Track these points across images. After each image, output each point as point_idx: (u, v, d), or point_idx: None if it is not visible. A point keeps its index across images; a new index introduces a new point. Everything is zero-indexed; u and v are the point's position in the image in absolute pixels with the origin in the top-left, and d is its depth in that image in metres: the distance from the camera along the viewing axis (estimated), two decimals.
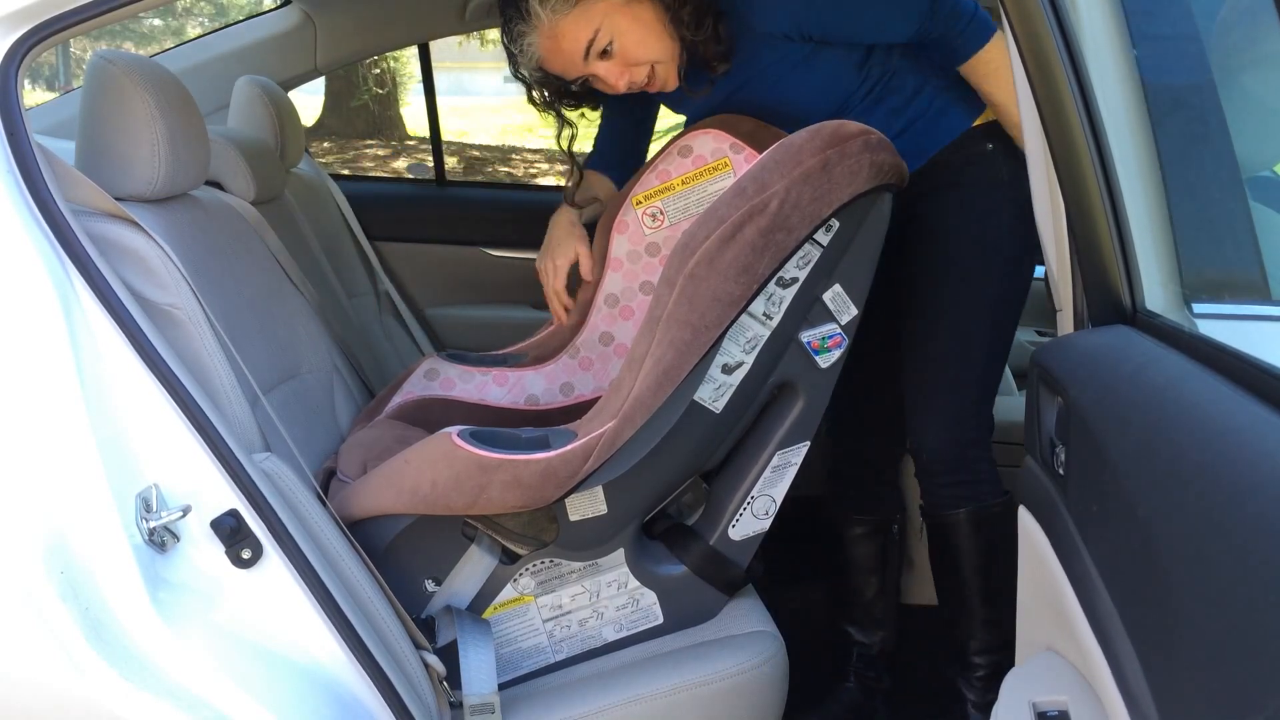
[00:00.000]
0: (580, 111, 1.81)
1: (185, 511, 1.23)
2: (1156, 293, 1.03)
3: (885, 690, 1.99)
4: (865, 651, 1.99)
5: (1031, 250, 1.58)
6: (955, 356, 1.67)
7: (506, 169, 8.43)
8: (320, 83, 7.15)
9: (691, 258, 1.39)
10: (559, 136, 1.79)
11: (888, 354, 1.77)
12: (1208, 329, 1.02)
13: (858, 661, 1.99)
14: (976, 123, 1.67)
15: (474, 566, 1.51)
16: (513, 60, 1.65)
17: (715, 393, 1.44)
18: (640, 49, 1.59)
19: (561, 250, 1.81)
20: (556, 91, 1.73)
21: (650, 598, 1.56)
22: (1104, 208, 1.01)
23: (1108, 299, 1.03)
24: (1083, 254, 1.04)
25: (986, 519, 1.67)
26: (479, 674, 1.43)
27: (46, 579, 1.13)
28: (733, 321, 1.39)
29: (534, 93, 1.72)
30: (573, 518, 1.47)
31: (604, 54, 1.58)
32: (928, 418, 1.69)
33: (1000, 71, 1.57)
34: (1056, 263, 1.12)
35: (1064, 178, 1.03)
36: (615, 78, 1.60)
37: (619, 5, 1.57)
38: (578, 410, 1.75)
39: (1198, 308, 1.05)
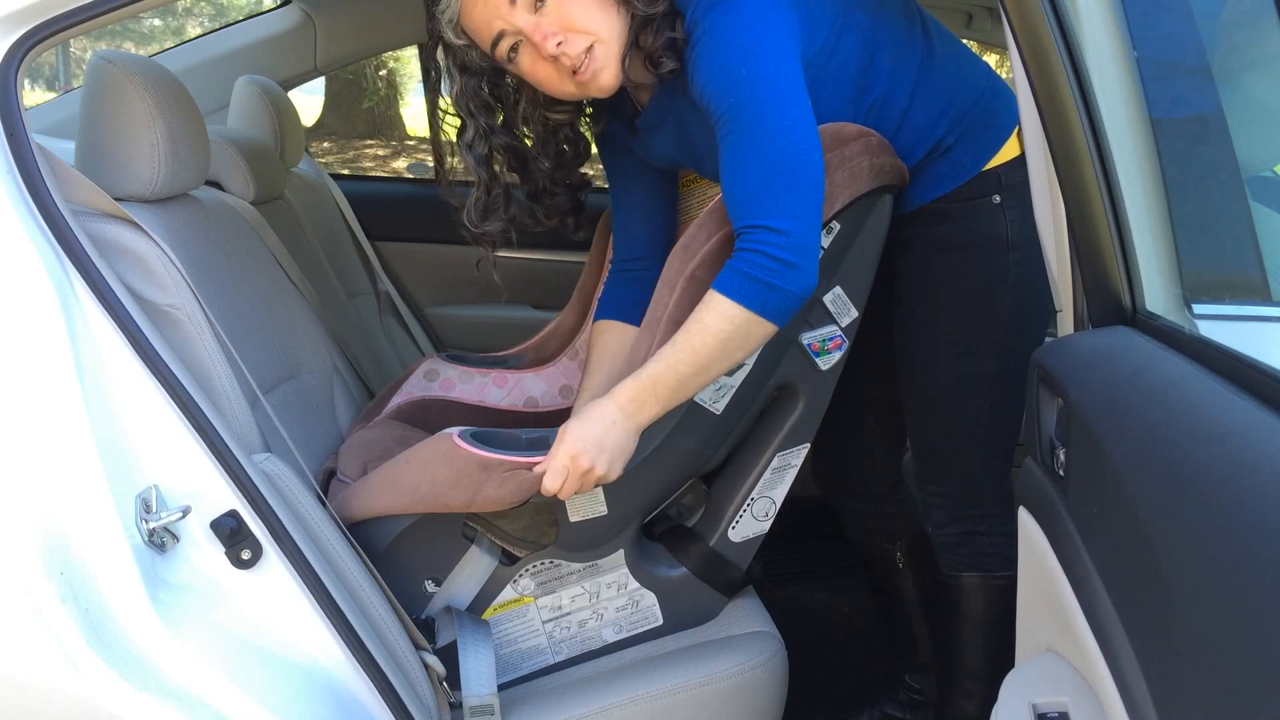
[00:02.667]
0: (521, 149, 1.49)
1: (185, 512, 1.23)
2: (1157, 293, 1.03)
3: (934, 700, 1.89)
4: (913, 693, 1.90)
5: (1035, 313, 1.50)
6: (954, 442, 1.58)
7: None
8: (320, 83, 7.15)
9: (692, 259, 1.39)
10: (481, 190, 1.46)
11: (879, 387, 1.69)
12: (1208, 330, 1.02)
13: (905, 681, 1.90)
14: (987, 166, 1.48)
15: (474, 567, 1.51)
16: (432, 37, 1.40)
17: (715, 394, 1.44)
18: (580, 11, 1.31)
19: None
20: (484, 105, 1.42)
21: (650, 599, 1.56)
22: (1104, 208, 1.01)
23: (1108, 300, 1.03)
24: (1083, 254, 1.04)
25: (988, 589, 1.60)
26: (478, 675, 1.43)
27: (46, 580, 1.13)
28: None
29: (454, 86, 1.42)
30: (573, 519, 1.47)
31: (537, 6, 1.30)
32: (932, 498, 1.63)
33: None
34: (1056, 263, 1.11)
35: (1064, 178, 1.03)
36: (546, 35, 1.30)
37: None
38: None
39: (1198, 308, 1.05)
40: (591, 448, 1.32)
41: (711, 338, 1.30)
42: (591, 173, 1.67)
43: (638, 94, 1.50)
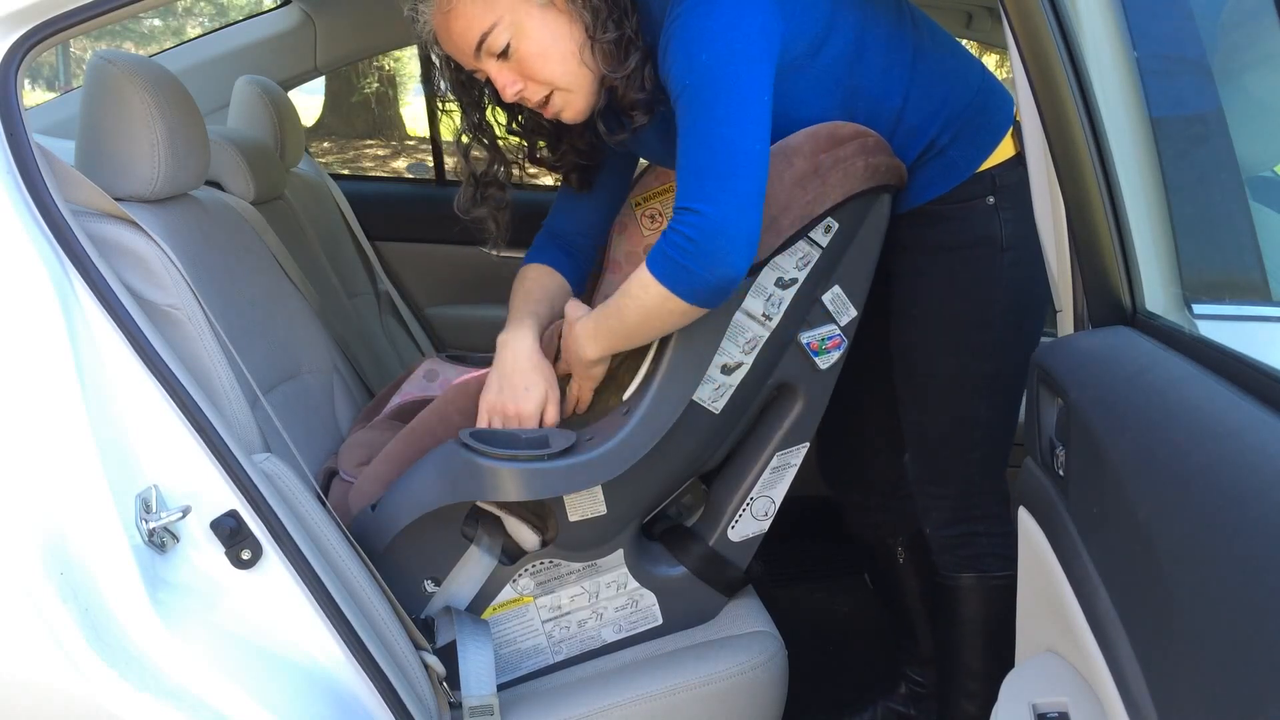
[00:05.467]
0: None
1: (185, 512, 1.23)
2: (1157, 293, 1.03)
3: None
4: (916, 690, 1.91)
5: (1031, 313, 1.50)
6: (953, 442, 1.58)
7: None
8: (320, 83, 7.15)
9: None
10: (465, 142, 1.51)
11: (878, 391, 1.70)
12: (1208, 330, 1.02)
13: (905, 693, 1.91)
14: (981, 168, 1.48)
15: (473, 567, 1.51)
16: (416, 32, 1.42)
17: (714, 393, 1.44)
18: (540, 64, 1.35)
19: (530, 392, 1.47)
20: (471, 94, 1.49)
21: (649, 599, 1.56)
22: (1104, 208, 1.01)
23: (1108, 300, 1.03)
24: (1083, 254, 1.04)
25: (987, 589, 1.60)
26: (478, 675, 1.43)
27: (46, 579, 1.13)
28: (726, 321, 1.39)
29: (445, 76, 1.47)
30: (572, 518, 1.47)
31: (500, 55, 1.35)
32: (931, 500, 1.63)
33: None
34: (1056, 263, 1.12)
35: (1064, 178, 1.03)
36: (505, 83, 1.37)
37: (529, 5, 1.33)
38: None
39: (1198, 308, 1.05)
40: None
41: (632, 301, 1.33)
42: None
43: None
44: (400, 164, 8.02)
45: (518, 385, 1.47)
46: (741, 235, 1.26)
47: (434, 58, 1.46)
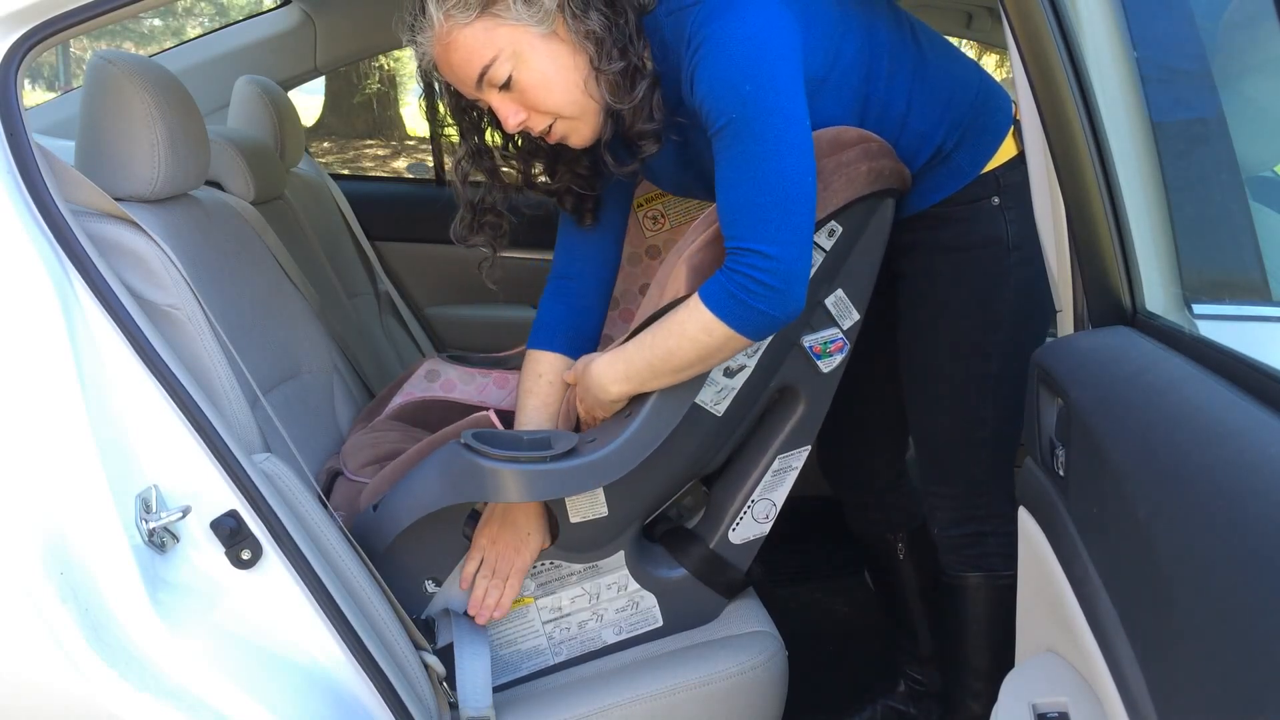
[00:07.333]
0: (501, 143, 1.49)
1: (185, 512, 1.23)
2: (1156, 293, 1.03)
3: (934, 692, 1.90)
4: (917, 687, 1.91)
5: (1037, 312, 1.50)
6: (960, 443, 1.58)
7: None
8: (320, 83, 7.15)
9: (687, 246, 1.39)
10: (461, 167, 1.47)
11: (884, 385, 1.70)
12: (1208, 330, 1.02)
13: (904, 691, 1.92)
14: (985, 169, 1.48)
15: None
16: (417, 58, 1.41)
17: (717, 396, 1.44)
18: (543, 95, 1.33)
19: (530, 538, 1.49)
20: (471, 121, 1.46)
21: (650, 600, 1.56)
22: (1104, 208, 1.01)
23: (1108, 300, 1.03)
24: (1083, 254, 1.04)
25: (993, 588, 1.60)
26: (474, 688, 1.42)
27: (46, 580, 1.13)
28: None
29: (445, 101, 1.45)
30: (573, 519, 1.47)
31: (503, 86, 1.33)
32: (937, 500, 1.63)
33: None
34: (1056, 263, 1.12)
35: (1064, 178, 1.03)
36: (508, 114, 1.34)
37: (531, 36, 1.30)
38: None
39: (1198, 308, 1.05)
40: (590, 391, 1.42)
41: (689, 343, 1.32)
42: None
43: None
44: (400, 164, 8.02)
45: (520, 529, 1.48)
46: (806, 272, 1.30)
47: (434, 82, 1.44)
